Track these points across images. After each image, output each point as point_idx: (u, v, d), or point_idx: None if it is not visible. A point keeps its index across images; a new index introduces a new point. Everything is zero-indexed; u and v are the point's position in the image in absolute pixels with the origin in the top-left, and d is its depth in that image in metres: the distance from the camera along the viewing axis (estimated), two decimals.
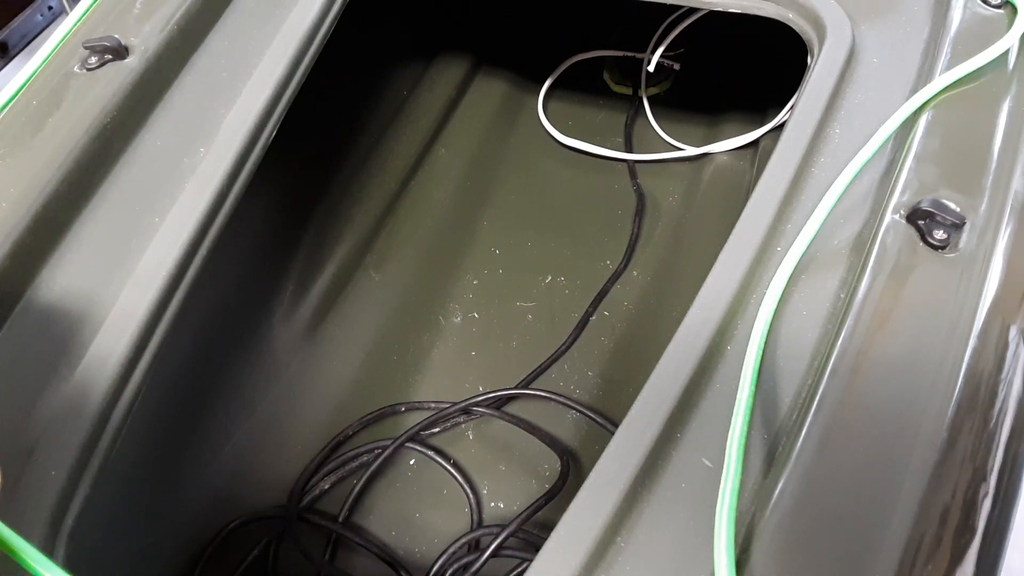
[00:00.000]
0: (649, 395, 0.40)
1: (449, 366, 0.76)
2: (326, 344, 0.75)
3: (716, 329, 0.42)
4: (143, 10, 0.56)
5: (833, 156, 0.49)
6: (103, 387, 0.41)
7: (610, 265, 0.81)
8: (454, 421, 0.71)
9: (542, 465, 0.69)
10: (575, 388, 0.73)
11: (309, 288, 0.76)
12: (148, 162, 0.50)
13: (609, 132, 0.92)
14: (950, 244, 0.44)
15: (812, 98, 0.52)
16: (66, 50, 0.55)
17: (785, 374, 0.41)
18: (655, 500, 0.38)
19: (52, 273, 0.45)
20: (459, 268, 0.82)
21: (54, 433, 0.39)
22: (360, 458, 0.69)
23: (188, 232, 0.46)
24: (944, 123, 0.49)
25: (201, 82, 0.54)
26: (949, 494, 0.37)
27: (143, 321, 0.43)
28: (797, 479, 0.37)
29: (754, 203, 0.47)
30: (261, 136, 0.51)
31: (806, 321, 0.43)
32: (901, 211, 0.45)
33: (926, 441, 0.38)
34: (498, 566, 0.62)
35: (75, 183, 0.47)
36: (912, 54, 0.55)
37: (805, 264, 0.45)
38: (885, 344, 0.41)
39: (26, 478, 0.38)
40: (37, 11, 1.26)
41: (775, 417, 0.40)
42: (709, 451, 0.39)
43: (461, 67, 0.95)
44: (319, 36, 0.56)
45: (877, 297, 0.42)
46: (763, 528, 0.36)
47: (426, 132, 0.90)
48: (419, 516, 0.67)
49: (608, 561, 0.36)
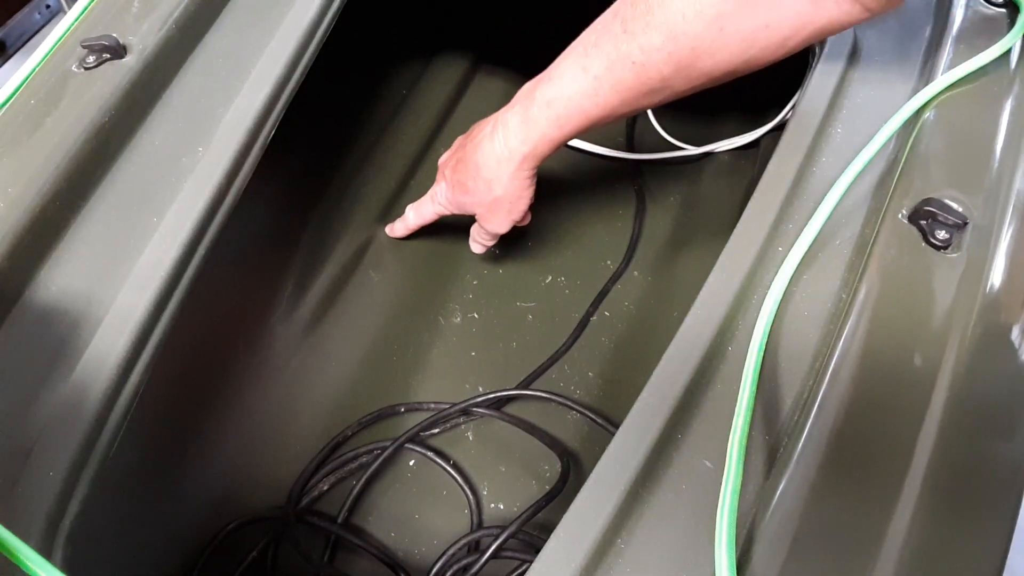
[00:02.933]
0: (649, 396, 0.40)
1: (449, 366, 0.75)
2: (325, 344, 0.75)
3: (717, 330, 0.42)
4: (141, 9, 0.55)
5: (834, 156, 0.49)
6: (101, 387, 0.41)
7: (610, 265, 0.81)
8: (454, 422, 0.71)
9: (542, 466, 0.69)
10: (575, 388, 0.73)
11: (308, 288, 0.76)
12: (146, 161, 0.50)
13: (609, 132, 0.91)
14: (952, 244, 0.44)
15: (813, 97, 0.52)
16: (64, 49, 0.54)
17: (786, 375, 0.41)
18: (656, 501, 0.37)
19: (49, 273, 0.45)
20: (459, 268, 0.82)
21: (52, 434, 0.39)
22: (359, 459, 0.69)
23: (186, 232, 0.46)
24: (946, 122, 0.49)
25: (199, 81, 0.54)
26: (951, 494, 0.37)
27: (141, 321, 0.43)
28: (798, 480, 0.37)
29: (755, 203, 0.47)
30: (260, 136, 0.51)
31: (807, 322, 0.43)
32: (903, 211, 0.45)
33: (927, 441, 0.38)
34: (498, 567, 0.62)
35: (73, 182, 0.47)
36: (914, 53, 0.54)
37: (806, 264, 0.45)
38: (887, 345, 0.41)
39: (24, 479, 0.38)
40: (35, 10, 1.25)
41: (776, 418, 0.40)
42: (710, 452, 0.39)
43: (461, 67, 0.95)
44: (318, 35, 0.56)
45: (878, 298, 0.42)
46: (764, 529, 0.36)
47: (426, 132, 0.90)
48: (419, 517, 0.67)
49: (608, 562, 0.36)
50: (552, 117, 0.53)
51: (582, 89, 0.51)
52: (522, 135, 0.55)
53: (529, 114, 0.54)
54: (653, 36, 0.46)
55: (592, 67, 0.50)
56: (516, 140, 0.56)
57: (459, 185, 0.63)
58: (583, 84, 0.51)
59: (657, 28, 0.46)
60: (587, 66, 0.50)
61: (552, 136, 0.55)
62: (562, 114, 0.53)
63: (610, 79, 0.49)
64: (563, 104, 0.52)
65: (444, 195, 0.67)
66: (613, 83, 0.50)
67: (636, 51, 0.47)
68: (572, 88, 0.51)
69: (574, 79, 0.51)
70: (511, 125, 0.56)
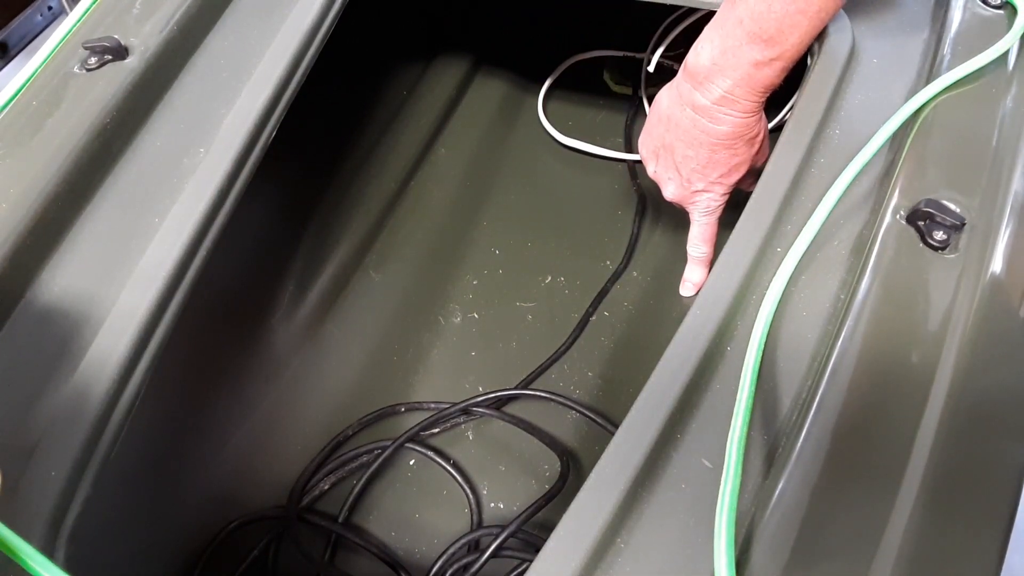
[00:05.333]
0: (649, 395, 0.40)
1: (449, 366, 0.76)
2: (326, 344, 0.75)
3: (716, 329, 0.42)
4: (143, 10, 0.56)
5: (833, 156, 0.49)
6: (103, 387, 0.41)
7: (610, 265, 0.81)
8: (454, 421, 0.71)
9: (542, 465, 0.69)
10: (575, 388, 0.73)
11: (309, 288, 0.76)
12: (148, 162, 0.50)
13: (609, 132, 0.91)
14: (950, 245, 0.44)
15: (812, 98, 0.52)
16: (66, 50, 0.55)
17: (785, 375, 0.41)
18: (655, 501, 0.38)
19: (52, 274, 0.45)
20: (459, 268, 0.82)
21: (54, 433, 0.39)
22: (360, 458, 0.69)
23: (188, 232, 0.46)
24: (944, 124, 0.49)
25: (201, 82, 0.54)
26: (950, 494, 0.37)
27: (143, 321, 0.43)
28: (797, 480, 0.37)
29: (754, 203, 0.47)
30: (261, 136, 0.51)
31: (806, 322, 0.43)
32: (901, 212, 0.45)
33: (925, 441, 0.38)
34: (498, 566, 0.62)
35: (75, 183, 0.47)
36: (912, 54, 0.55)
37: (805, 265, 0.45)
38: (885, 345, 0.41)
39: (26, 479, 0.38)
40: (37, 11, 1.26)
41: (775, 418, 0.40)
42: (709, 452, 0.39)
43: (461, 67, 0.95)
44: (319, 36, 0.57)
45: (877, 298, 0.42)
46: (763, 528, 0.36)
47: (426, 132, 0.90)
48: (419, 516, 0.67)
49: (608, 561, 0.36)
50: (785, 65, 0.50)
51: (808, 29, 0.49)
52: (757, 94, 0.52)
53: (755, 78, 0.51)
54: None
55: (811, 7, 0.48)
56: (750, 101, 0.53)
57: (727, 167, 0.57)
58: (808, 25, 0.48)
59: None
60: (804, 8, 0.48)
61: (784, 75, 0.52)
62: (793, 56, 0.50)
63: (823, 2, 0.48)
64: (792, 52, 0.50)
65: (716, 196, 0.60)
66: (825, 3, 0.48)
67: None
68: (798, 35, 0.49)
69: (796, 27, 0.49)
70: (737, 94, 0.52)
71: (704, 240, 0.64)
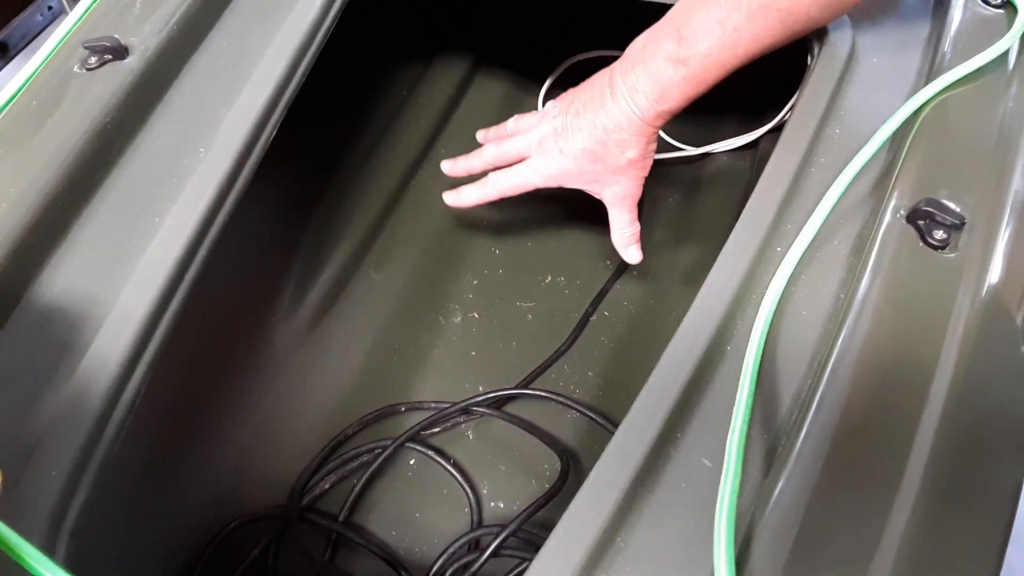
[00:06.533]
0: (649, 395, 0.40)
1: (449, 366, 0.76)
2: (326, 344, 0.75)
3: (716, 329, 0.42)
4: (143, 10, 0.56)
5: (833, 156, 0.49)
6: (103, 387, 0.41)
7: (610, 265, 0.81)
8: (454, 421, 0.71)
9: (542, 465, 0.69)
10: (575, 388, 0.73)
11: (309, 288, 0.76)
12: (148, 162, 0.50)
13: None
14: (950, 244, 0.44)
15: (812, 98, 0.52)
16: (66, 50, 0.55)
17: (785, 374, 0.41)
18: (655, 500, 0.38)
19: (52, 273, 0.45)
20: (459, 268, 0.82)
21: (55, 432, 0.39)
22: (360, 458, 0.69)
23: (188, 232, 0.46)
24: (944, 123, 0.49)
25: (201, 82, 0.54)
26: (949, 494, 0.37)
27: (143, 321, 0.43)
28: (797, 479, 0.37)
29: (754, 203, 0.47)
30: (261, 136, 0.51)
31: (806, 321, 0.43)
32: (901, 211, 0.46)
33: (925, 441, 0.38)
34: (498, 565, 0.62)
35: (75, 183, 0.47)
36: (912, 54, 0.55)
37: (805, 264, 0.45)
38: (885, 344, 0.41)
39: (26, 478, 0.38)
40: (37, 11, 1.26)
41: (775, 417, 0.40)
42: (709, 451, 0.39)
43: (461, 67, 0.95)
44: (319, 36, 0.57)
45: (877, 297, 0.43)
46: (763, 527, 0.36)
47: (426, 132, 0.90)
48: (419, 516, 0.68)
49: (608, 560, 0.36)
50: (689, 76, 0.52)
51: (721, 43, 0.50)
52: (655, 95, 0.54)
53: (660, 74, 0.53)
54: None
55: (730, 20, 0.49)
56: (647, 100, 0.54)
57: (583, 154, 0.59)
58: (721, 38, 0.50)
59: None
60: (724, 19, 0.49)
61: (689, 93, 0.53)
62: (699, 71, 0.51)
63: (751, 29, 0.49)
64: (699, 61, 0.51)
65: (553, 166, 0.62)
66: (755, 32, 0.49)
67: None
68: (708, 44, 0.50)
69: (709, 34, 0.50)
70: (640, 85, 0.54)
71: (506, 173, 0.67)
